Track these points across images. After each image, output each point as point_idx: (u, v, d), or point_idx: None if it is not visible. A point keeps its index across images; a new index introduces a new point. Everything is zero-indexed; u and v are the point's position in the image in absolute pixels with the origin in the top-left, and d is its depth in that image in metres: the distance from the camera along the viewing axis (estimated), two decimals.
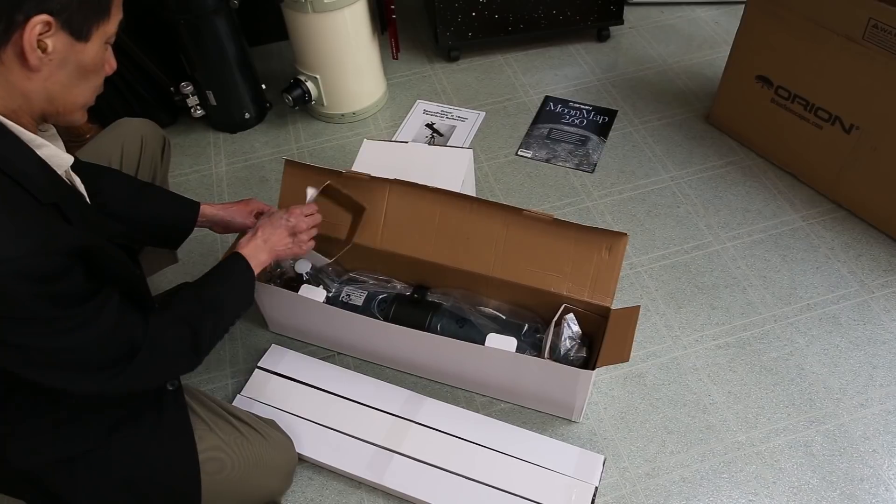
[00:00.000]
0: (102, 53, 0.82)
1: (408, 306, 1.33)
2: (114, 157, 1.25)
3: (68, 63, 0.78)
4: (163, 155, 1.36)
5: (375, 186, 1.33)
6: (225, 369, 1.43)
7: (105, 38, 0.81)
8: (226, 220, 1.26)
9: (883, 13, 1.34)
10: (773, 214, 1.64)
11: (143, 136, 1.30)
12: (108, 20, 0.80)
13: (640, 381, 1.36)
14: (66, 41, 0.76)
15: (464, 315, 1.30)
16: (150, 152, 1.30)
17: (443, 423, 1.28)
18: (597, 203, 1.70)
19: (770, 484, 1.21)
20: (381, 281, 1.40)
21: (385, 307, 1.34)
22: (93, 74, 0.83)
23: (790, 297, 1.48)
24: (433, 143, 1.90)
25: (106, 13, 0.79)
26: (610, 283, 1.21)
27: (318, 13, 1.71)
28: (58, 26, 0.74)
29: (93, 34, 0.79)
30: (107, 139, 1.28)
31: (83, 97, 0.84)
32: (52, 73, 0.78)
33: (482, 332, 1.24)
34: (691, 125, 1.88)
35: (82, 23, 0.77)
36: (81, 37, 0.77)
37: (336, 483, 1.25)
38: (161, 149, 1.35)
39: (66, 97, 0.81)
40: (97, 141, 1.28)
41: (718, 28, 2.19)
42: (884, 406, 1.30)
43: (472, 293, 1.33)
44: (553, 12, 2.05)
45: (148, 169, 1.31)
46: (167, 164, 1.39)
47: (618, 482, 1.23)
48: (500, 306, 1.32)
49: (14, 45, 0.73)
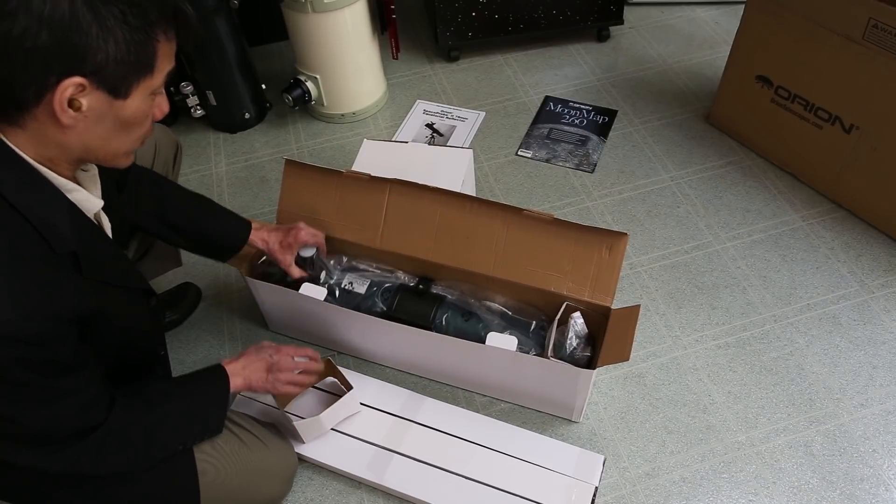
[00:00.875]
0: (146, 106, 0.79)
1: (412, 297, 1.31)
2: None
3: (106, 118, 0.76)
4: (175, 161, 1.35)
5: (375, 186, 1.33)
6: None
7: (150, 90, 0.78)
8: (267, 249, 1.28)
9: (883, 13, 1.34)
10: (773, 214, 1.64)
11: (157, 141, 1.29)
12: (153, 75, 0.77)
13: (640, 381, 1.36)
14: (103, 99, 0.74)
15: (469, 309, 1.30)
16: (162, 158, 1.30)
17: (443, 423, 1.28)
18: (597, 203, 1.70)
19: (770, 484, 1.21)
20: (385, 271, 1.38)
21: (389, 297, 1.32)
22: (135, 126, 0.80)
23: (790, 297, 1.48)
24: (433, 143, 1.90)
25: (149, 70, 0.76)
26: (610, 282, 1.21)
27: (318, 13, 1.71)
28: (93, 87, 0.72)
29: (133, 91, 0.76)
30: None
31: (125, 146, 0.82)
32: (89, 128, 0.76)
33: (488, 326, 1.25)
34: (691, 125, 1.88)
35: (121, 81, 0.74)
36: (120, 94, 0.75)
37: (336, 483, 1.25)
38: (173, 155, 1.34)
39: (105, 148, 0.80)
40: None
41: (718, 28, 2.19)
42: (884, 406, 1.30)
43: (479, 288, 1.32)
44: (553, 12, 2.05)
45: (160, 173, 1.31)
46: (178, 170, 1.38)
47: (618, 482, 1.23)
48: (506, 302, 1.32)
49: (47, 105, 0.71)
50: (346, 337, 1.38)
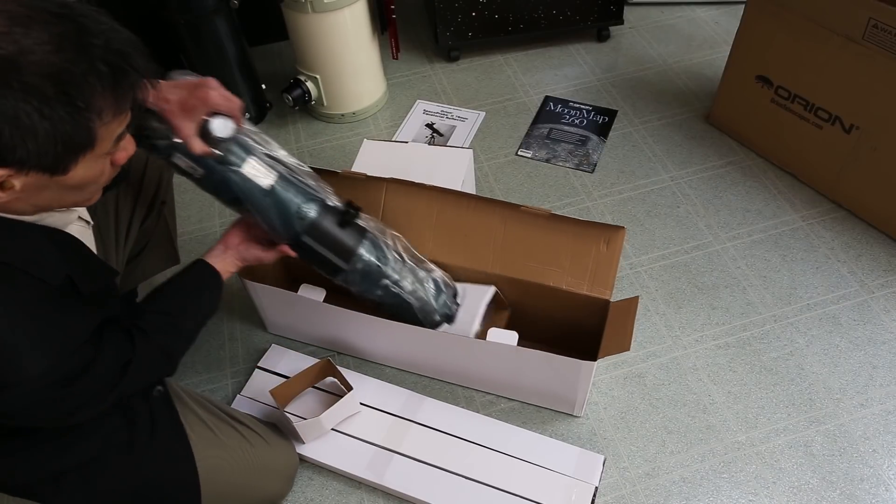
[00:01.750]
0: (97, 168, 0.75)
1: (333, 227, 1.11)
2: None
3: (49, 187, 0.72)
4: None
5: (372, 186, 1.33)
6: (225, 369, 1.43)
7: (96, 158, 0.73)
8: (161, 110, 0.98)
9: (883, 13, 1.34)
10: (773, 214, 1.64)
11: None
12: (94, 148, 0.71)
13: (640, 381, 1.36)
14: (39, 177, 0.69)
15: (385, 254, 1.18)
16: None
17: (443, 423, 1.28)
18: (597, 203, 1.70)
19: (770, 484, 1.21)
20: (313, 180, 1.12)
21: (307, 221, 1.09)
22: (89, 184, 0.76)
23: (790, 297, 1.48)
24: (433, 143, 1.90)
25: (88, 147, 0.70)
26: (609, 276, 1.22)
27: (318, 13, 1.71)
28: (21, 173, 0.68)
29: (72, 166, 0.71)
30: None
31: (82, 198, 0.79)
32: (32, 196, 0.72)
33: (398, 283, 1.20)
34: (691, 125, 1.88)
35: (55, 163, 0.69)
36: (58, 172, 0.70)
37: (336, 483, 1.25)
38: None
39: (61, 203, 0.78)
40: None
41: (718, 28, 2.19)
42: (884, 406, 1.30)
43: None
44: (553, 12, 2.05)
45: (154, 172, 1.30)
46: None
47: (618, 482, 1.23)
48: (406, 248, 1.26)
49: None
50: (346, 337, 1.38)
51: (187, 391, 1.10)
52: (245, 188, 1.03)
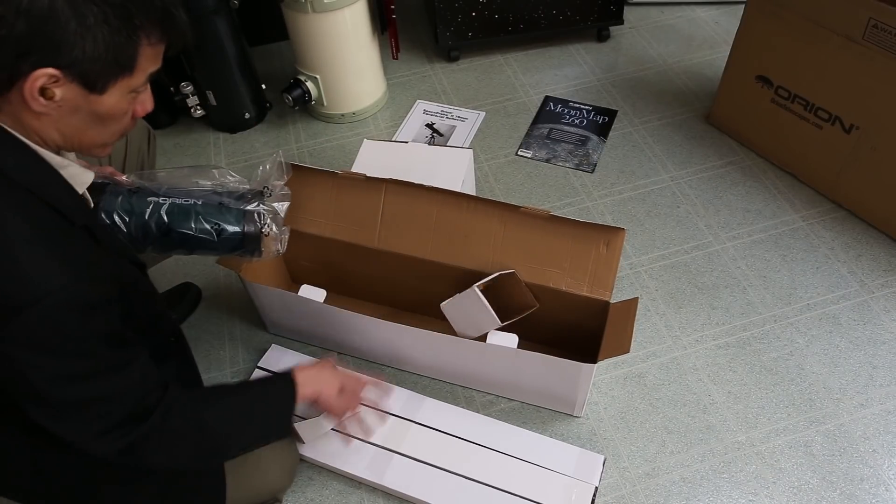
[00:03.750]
0: (125, 103, 0.79)
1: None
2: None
3: (80, 110, 0.75)
4: (149, 147, 1.35)
5: (371, 186, 1.33)
6: (225, 369, 1.43)
7: (129, 89, 0.77)
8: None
9: (883, 13, 1.34)
10: (773, 214, 1.64)
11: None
12: (132, 75, 0.76)
13: (640, 381, 1.36)
14: (78, 92, 0.73)
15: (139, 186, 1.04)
16: (136, 145, 1.30)
17: (443, 423, 1.28)
18: (597, 203, 1.70)
19: (770, 484, 1.21)
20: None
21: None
22: (111, 121, 0.79)
23: (790, 297, 1.48)
24: (433, 143, 1.90)
25: (128, 70, 0.75)
26: (608, 277, 1.22)
27: (318, 13, 1.71)
28: (67, 79, 0.71)
29: (110, 88, 0.75)
30: None
31: (101, 139, 0.81)
32: (63, 118, 0.75)
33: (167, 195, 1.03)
34: (691, 125, 1.88)
35: (97, 77, 0.73)
36: (96, 89, 0.74)
37: (336, 483, 1.25)
38: (147, 141, 1.34)
39: (80, 138, 0.79)
40: None
41: (718, 28, 2.19)
42: (884, 406, 1.30)
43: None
44: (553, 12, 2.05)
45: (135, 161, 1.30)
46: (154, 154, 1.38)
47: (618, 482, 1.23)
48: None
49: (19, 91, 0.71)
50: (345, 337, 1.38)
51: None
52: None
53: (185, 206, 1.02)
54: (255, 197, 1.07)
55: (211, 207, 1.04)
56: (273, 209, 1.07)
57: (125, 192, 1.00)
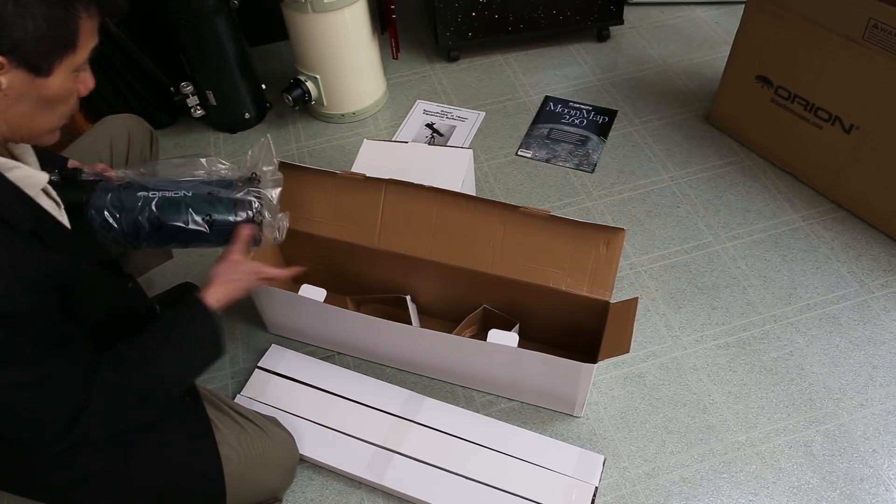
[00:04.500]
0: (70, 83, 0.79)
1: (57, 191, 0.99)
2: (103, 153, 1.25)
3: (28, 96, 0.75)
4: (151, 149, 1.35)
5: (371, 187, 1.33)
6: (225, 369, 1.43)
7: (73, 68, 0.77)
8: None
9: (883, 13, 1.34)
10: (773, 214, 1.64)
11: (131, 130, 1.29)
12: (75, 52, 0.76)
13: (640, 381, 1.36)
14: (24, 77, 0.73)
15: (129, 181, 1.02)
16: (138, 147, 1.30)
17: (443, 423, 1.28)
18: (597, 203, 1.70)
19: (770, 484, 1.21)
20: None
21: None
22: (59, 104, 0.79)
23: (790, 297, 1.48)
24: (433, 143, 1.90)
25: (71, 47, 0.75)
26: (608, 277, 1.22)
27: (318, 13, 1.71)
28: (11, 65, 0.71)
29: (55, 68, 0.75)
30: (94, 136, 1.27)
31: (49, 124, 0.81)
32: (11, 107, 0.75)
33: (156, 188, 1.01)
34: (691, 125, 1.88)
35: (42, 58, 0.73)
36: (42, 72, 0.74)
37: (336, 483, 1.25)
38: (149, 142, 1.34)
39: (29, 126, 0.79)
40: (84, 139, 1.27)
41: (718, 28, 2.19)
42: (884, 406, 1.30)
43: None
44: (553, 12, 2.05)
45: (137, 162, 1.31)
46: (156, 156, 1.38)
47: (618, 482, 1.23)
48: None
49: None
50: (346, 337, 1.38)
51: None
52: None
53: (175, 198, 1.00)
54: (244, 184, 1.05)
55: (201, 199, 1.01)
56: (264, 195, 1.05)
57: (115, 187, 0.99)
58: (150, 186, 1.00)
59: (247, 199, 1.03)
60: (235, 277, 1.01)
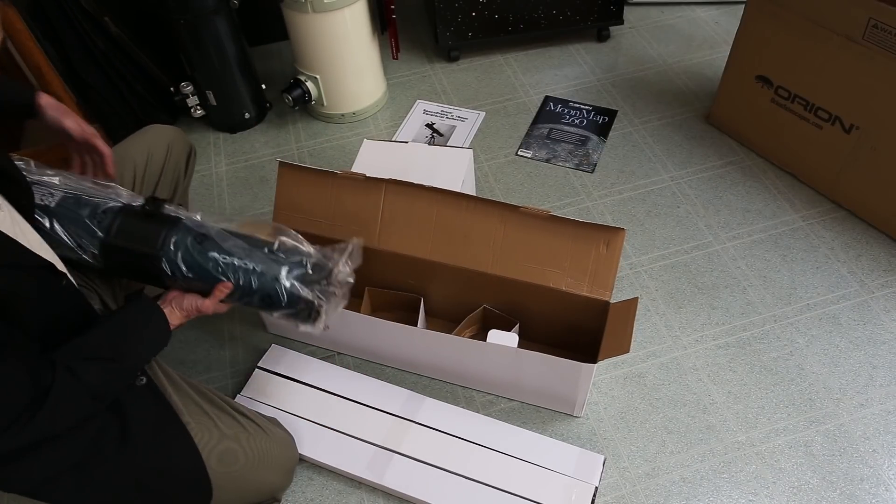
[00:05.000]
0: None
1: (137, 220, 1.07)
2: (139, 161, 1.24)
3: None
4: (187, 165, 1.34)
5: (371, 187, 1.33)
6: (225, 369, 1.43)
7: None
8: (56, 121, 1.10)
9: (883, 13, 1.34)
10: (773, 214, 1.64)
11: (170, 143, 1.28)
12: None
13: (640, 381, 1.36)
14: None
15: (206, 231, 1.07)
16: (174, 161, 1.29)
17: (443, 423, 1.28)
18: (597, 203, 1.70)
19: (770, 484, 1.21)
20: (100, 186, 1.09)
21: (106, 220, 1.05)
22: None
23: (790, 297, 1.48)
24: (433, 143, 1.90)
25: None
26: (608, 277, 1.22)
27: (318, 13, 1.71)
28: None
29: None
30: (135, 143, 1.27)
31: None
32: None
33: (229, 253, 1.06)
34: (691, 125, 1.88)
35: None
36: None
37: (336, 483, 1.25)
38: (186, 158, 1.33)
39: None
40: (126, 144, 1.27)
41: (718, 28, 2.19)
42: (884, 406, 1.30)
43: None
44: (553, 12, 2.05)
45: (171, 177, 1.29)
46: (191, 174, 1.37)
47: (618, 482, 1.23)
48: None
49: None
50: (346, 337, 1.38)
51: (186, 380, 1.10)
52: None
53: (245, 269, 1.05)
54: (318, 274, 1.07)
55: (268, 279, 1.05)
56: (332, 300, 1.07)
57: (193, 237, 1.04)
58: (224, 249, 1.05)
59: (311, 299, 1.05)
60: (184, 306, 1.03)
